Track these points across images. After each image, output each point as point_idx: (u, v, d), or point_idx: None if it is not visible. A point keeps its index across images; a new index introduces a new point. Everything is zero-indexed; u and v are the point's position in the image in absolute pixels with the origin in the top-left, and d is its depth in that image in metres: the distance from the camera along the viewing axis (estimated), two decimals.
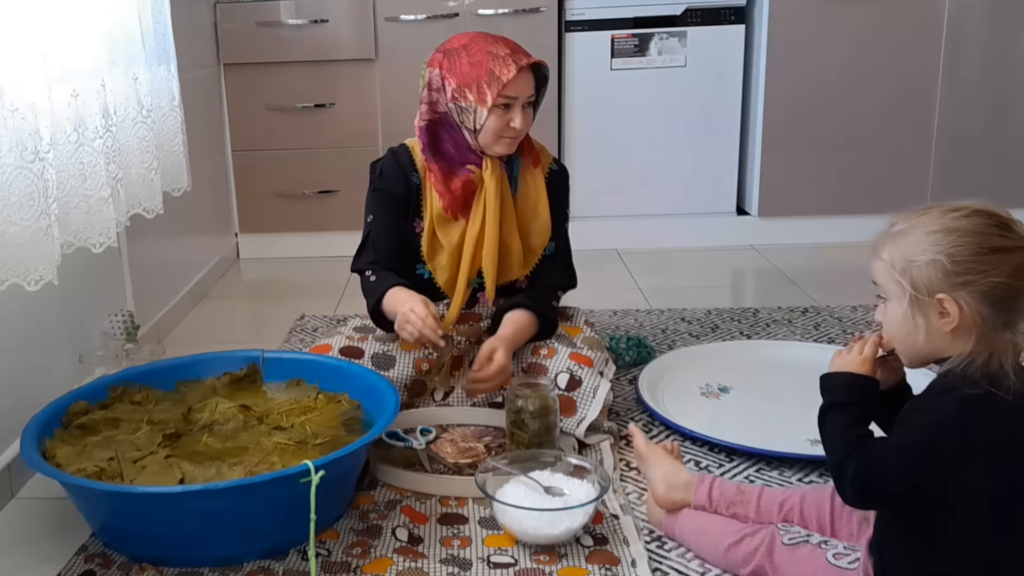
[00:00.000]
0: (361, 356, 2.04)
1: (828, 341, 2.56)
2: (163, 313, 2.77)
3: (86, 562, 1.63)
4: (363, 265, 2.07)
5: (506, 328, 2.00)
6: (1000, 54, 3.42)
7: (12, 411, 1.89)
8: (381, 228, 2.07)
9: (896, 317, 1.32)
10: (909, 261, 1.28)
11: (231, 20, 3.39)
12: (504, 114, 1.95)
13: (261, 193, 3.55)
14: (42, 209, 1.64)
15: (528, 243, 2.08)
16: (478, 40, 1.98)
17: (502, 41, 1.98)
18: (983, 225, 1.25)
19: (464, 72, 1.95)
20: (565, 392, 1.96)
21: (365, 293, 2.05)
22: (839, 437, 1.33)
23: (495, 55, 1.94)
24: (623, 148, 3.52)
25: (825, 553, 1.41)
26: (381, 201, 2.08)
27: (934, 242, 1.26)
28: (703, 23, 3.42)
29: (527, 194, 2.08)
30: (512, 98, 1.94)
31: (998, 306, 1.25)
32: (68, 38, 1.83)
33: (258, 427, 1.81)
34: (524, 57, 1.95)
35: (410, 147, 2.10)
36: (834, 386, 1.38)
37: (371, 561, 1.60)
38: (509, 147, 2.01)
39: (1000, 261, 1.23)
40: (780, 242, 3.54)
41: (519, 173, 2.08)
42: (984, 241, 1.24)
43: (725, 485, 1.62)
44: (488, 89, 1.93)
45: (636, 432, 1.77)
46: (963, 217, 1.26)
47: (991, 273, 1.23)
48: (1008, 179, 3.48)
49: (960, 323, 1.26)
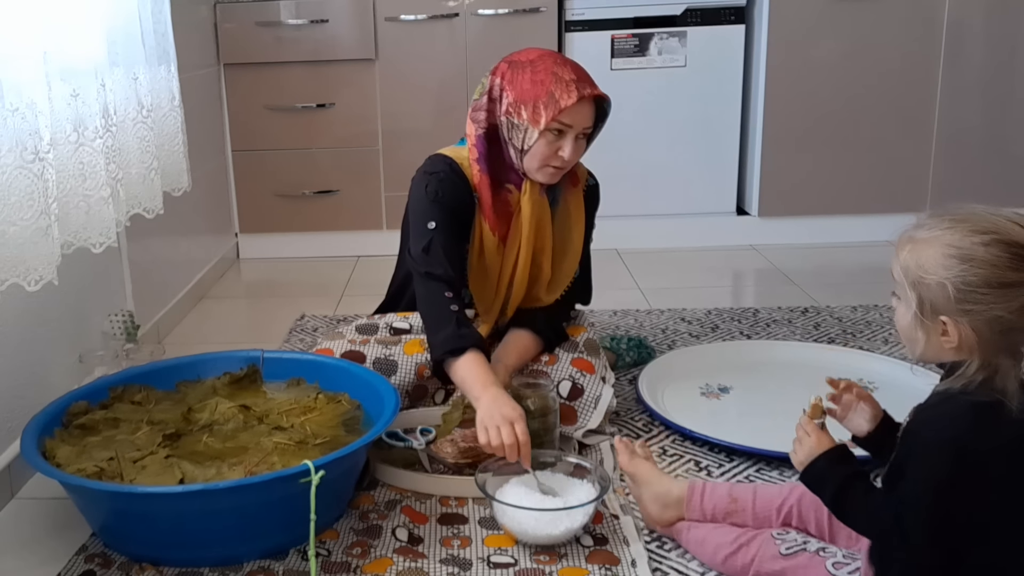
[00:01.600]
0: (363, 361, 2.03)
1: (828, 341, 2.56)
2: (163, 313, 2.77)
3: (86, 562, 1.63)
4: (434, 269, 1.88)
5: (510, 357, 1.95)
6: (1000, 54, 3.42)
7: (12, 411, 1.89)
8: (447, 239, 1.91)
9: (905, 320, 1.31)
10: (920, 276, 1.27)
11: (231, 20, 3.39)
12: (555, 140, 1.86)
13: (261, 193, 3.55)
14: (42, 209, 1.64)
15: (562, 268, 2.03)
16: (547, 58, 1.89)
17: (571, 65, 1.88)
18: (999, 258, 1.23)
19: (524, 88, 1.87)
20: (567, 401, 1.95)
21: (432, 315, 1.88)
22: (867, 508, 1.32)
23: (559, 77, 1.85)
24: (623, 148, 3.51)
25: (824, 561, 1.41)
26: (446, 207, 1.91)
27: (948, 265, 1.25)
28: (703, 23, 3.42)
29: (565, 218, 2.02)
30: (567, 125, 1.85)
31: (1000, 335, 1.24)
32: (68, 38, 1.82)
33: (258, 427, 1.81)
34: (589, 87, 1.86)
35: (460, 163, 1.96)
36: (821, 475, 1.37)
37: (371, 561, 1.60)
38: (551, 177, 1.91)
39: (1008, 296, 1.23)
40: (780, 242, 3.54)
41: (560, 195, 2.02)
42: (994, 275, 1.23)
43: (716, 494, 1.60)
44: (544, 110, 1.84)
45: (621, 448, 1.71)
46: (982, 246, 1.24)
47: (995, 307, 1.23)
48: (1008, 179, 3.48)
49: (960, 345, 1.26)
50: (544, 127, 1.84)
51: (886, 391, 1.93)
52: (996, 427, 1.23)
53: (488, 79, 1.94)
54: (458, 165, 1.96)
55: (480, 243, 1.98)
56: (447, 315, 1.86)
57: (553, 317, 2.04)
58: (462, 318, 1.87)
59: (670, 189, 3.57)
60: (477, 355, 1.82)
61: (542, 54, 1.91)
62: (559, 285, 2.04)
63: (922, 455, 1.26)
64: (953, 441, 1.24)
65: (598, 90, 1.88)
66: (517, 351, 1.98)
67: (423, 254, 1.90)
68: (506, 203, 1.96)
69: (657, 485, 1.65)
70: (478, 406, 1.75)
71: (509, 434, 1.68)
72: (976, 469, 1.23)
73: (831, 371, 2.29)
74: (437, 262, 1.89)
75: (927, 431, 1.28)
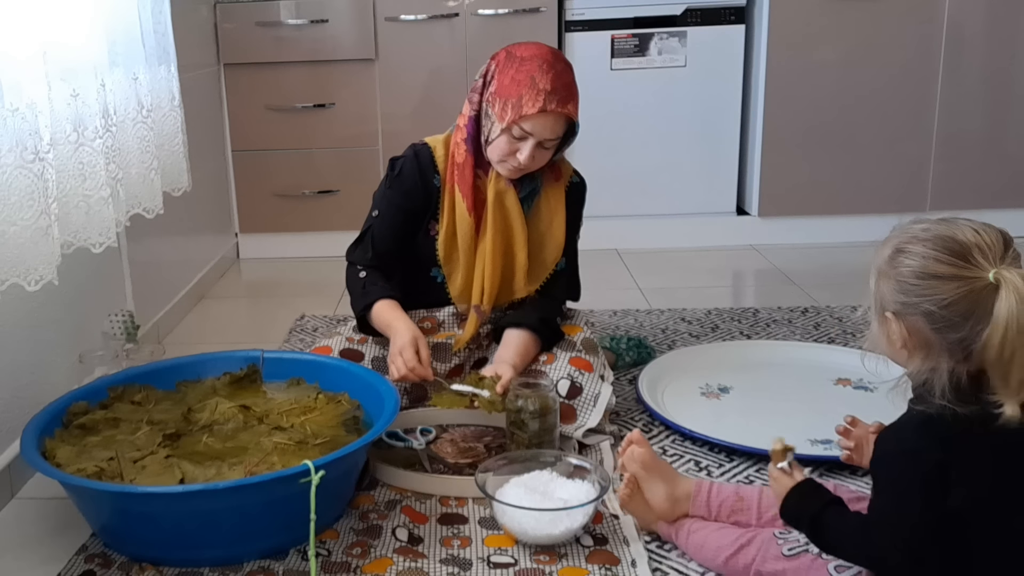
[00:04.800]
0: (361, 359, 2.04)
1: (828, 341, 2.56)
2: (163, 313, 2.77)
3: (86, 562, 1.63)
4: (358, 259, 2.06)
5: (514, 357, 1.96)
6: (1000, 54, 3.42)
7: (12, 411, 1.89)
8: (385, 226, 2.05)
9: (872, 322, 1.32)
10: (879, 270, 1.28)
11: (231, 20, 3.39)
12: (515, 141, 1.90)
13: (261, 193, 3.55)
14: (42, 209, 1.64)
15: (540, 259, 2.05)
16: (536, 60, 1.89)
17: (554, 74, 1.87)
18: (933, 251, 1.22)
19: (504, 83, 1.90)
20: (566, 400, 1.95)
21: (351, 290, 2.05)
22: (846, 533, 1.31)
23: (535, 84, 1.86)
24: (623, 148, 3.52)
25: (827, 564, 1.40)
26: (393, 200, 2.05)
27: (893, 259, 1.25)
28: (703, 23, 3.42)
29: (544, 209, 2.04)
30: (527, 132, 1.88)
31: (936, 333, 1.22)
32: (68, 38, 1.82)
33: (258, 427, 1.81)
34: (557, 103, 1.86)
35: (432, 146, 2.05)
36: (794, 513, 1.37)
37: (371, 561, 1.60)
38: (511, 173, 1.96)
39: (935, 289, 1.20)
40: (780, 242, 3.54)
41: (541, 188, 2.04)
42: (925, 266, 1.22)
43: (724, 492, 1.60)
44: (510, 111, 1.87)
45: (642, 440, 1.66)
46: (919, 241, 1.23)
47: (925, 300, 1.21)
48: (1008, 179, 3.48)
49: (904, 344, 1.25)
50: (505, 126, 1.88)
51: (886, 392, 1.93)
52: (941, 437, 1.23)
53: (488, 62, 1.98)
54: (428, 149, 2.04)
55: (452, 224, 2.01)
56: (357, 283, 2.04)
57: (546, 314, 2.05)
58: (368, 280, 2.03)
59: (670, 189, 3.57)
60: (383, 304, 1.98)
61: (536, 54, 1.91)
62: (538, 275, 2.06)
63: (882, 469, 1.28)
64: (901, 452, 1.25)
65: (567, 108, 1.88)
66: (519, 352, 1.98)
67: (354, 244, 2.08)
68: (481, 188, 2.00)
69: (671, 480, 1.64)
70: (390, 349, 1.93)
71: (401, 366, 1.87)
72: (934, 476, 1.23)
73: (831, 371, 2.32)
74: (362, 251, 2.06)
75: (883, 446, 1.30)
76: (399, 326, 1.94)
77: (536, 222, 2.04)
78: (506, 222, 2.00)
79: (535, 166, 1.95)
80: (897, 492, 1.26)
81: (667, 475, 1.64)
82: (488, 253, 2.00)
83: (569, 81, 1.91)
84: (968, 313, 1.19)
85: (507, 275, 2.04)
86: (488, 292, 2.02)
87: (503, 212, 2.00)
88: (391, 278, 2.05)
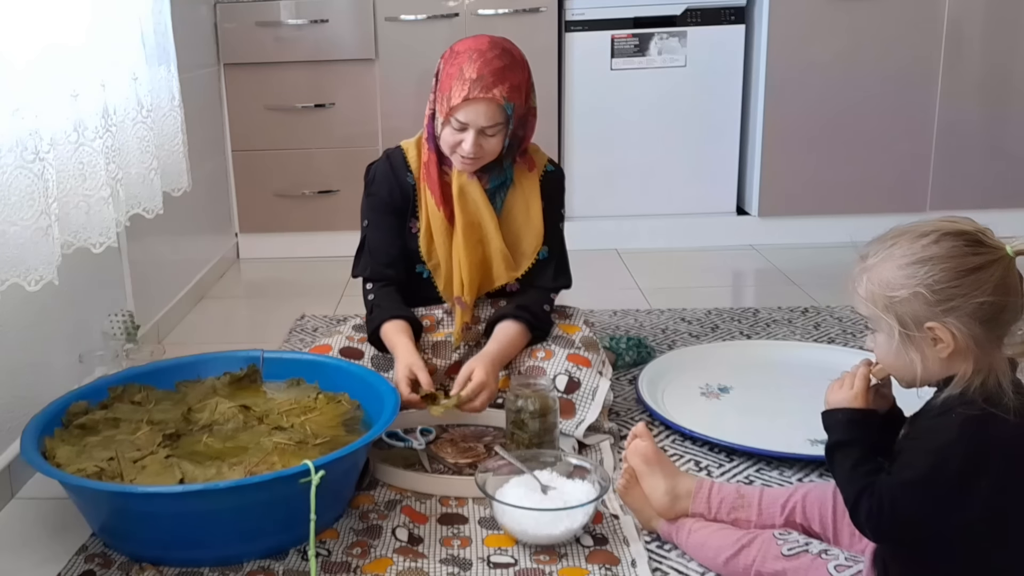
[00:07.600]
0: (361, 357, 2.04)
1: (828, 341, 2.56)
2: (163, 313, 2.77)
3: (86, 562, 1.63)
4: (362, 272, 2.10)
5: (491, 345, 1.99)
6: (1000, 54, 3.42)
7: (12, 411, 1.89)
8: (377, 233, 2.08)
9: (889, 350, 1.31)
10: (889, 297, 1.27)
11: (231, 20, 3.39)
12: (456, 133, 1.93)
13: (261, 193, 3.55)
14: (42, 209, 1.64)
15: (520, 248, 2.07)
16: (469, 52, 1.92)
17: (483, 63, 1.89)
18: (955, 248, 1.24)
19: (443, 78, 1.95)
20: (564, 395, 1.95)
21: (366, 308, 2.08)
22: (849, 475, 1.32)
23: (462, 74, 1.89)
24: (623, 148, 3.52)
25: (827, 564, 1.40)
26: (375, 206, 2.08)
27: (910, 274, 1.25)
28: (703, 23, 3.42)
29: (519, 199, 2.06)
30: (462, 123, 1.91)
31: (988, 324, 1.23)
32: (68, 38, 1.83)
33: (258, 427, 1.81)
34: (481, 89, 1.87)
35: (404, 148, 2.09)
36: (836, 424, 1.37)
37: (371, 561, 1.60)
38: (463, 165, 1.98)
39: (980, 280, 1.22)
40: (780, 242, 3.54)
41: (513, 179, 2.06)
42: (959, 264, 1.23)
43: (725, 490, 1.60)
44: (445, 104, 1.92)
45: (646, 433, 1.67)
46: (933, 244, 1.25)
47: (973, 295, 1.22)
48: (1008, 179, 3.48)
49: (955, 348, 1.25)
50: (443, 119, 1.93)
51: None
52: (990, 438, 1.23)
53: (439, 60, 2.01)
54: (400, 151, 2.08)
55: (428, 220, 2.04)
56: (366, 304, 2.08)
57: (527, 301, 2.05)
58: (375, 303, 2.06)
59: (670, 189, 3.57)
60: (387, 327, 2.00)
61: (471, 46, 1.94)
62: (519, 264, 2.07)
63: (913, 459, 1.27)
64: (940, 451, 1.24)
65: (492, 94, 1.88)
66: (499, 340, 2.00)
67: (355, 259, 2.13)
68: (447, 183, 2.03)
69: (672, 476, 1.64)
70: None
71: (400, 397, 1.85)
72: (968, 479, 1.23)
73: (831, 371, 2.30)
74: (364, 262, 2.10)
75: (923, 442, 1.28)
76: (397, 354, 1.97)
77: (512, 212, 2.06)
78: (474, 213, 2.03)
79: (487, 155, 1.97)
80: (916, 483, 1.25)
81: (668, 471, 1.64)
82: (461, 245, 2.03)
83: (500, 67, 1.90)
84: (1008, 289, 1.23)
85: (485, 265, 2.06)
86: (468, 284, 2.05)
87: (470, 204, 2.02)
88: (399, 283, 2.08)
